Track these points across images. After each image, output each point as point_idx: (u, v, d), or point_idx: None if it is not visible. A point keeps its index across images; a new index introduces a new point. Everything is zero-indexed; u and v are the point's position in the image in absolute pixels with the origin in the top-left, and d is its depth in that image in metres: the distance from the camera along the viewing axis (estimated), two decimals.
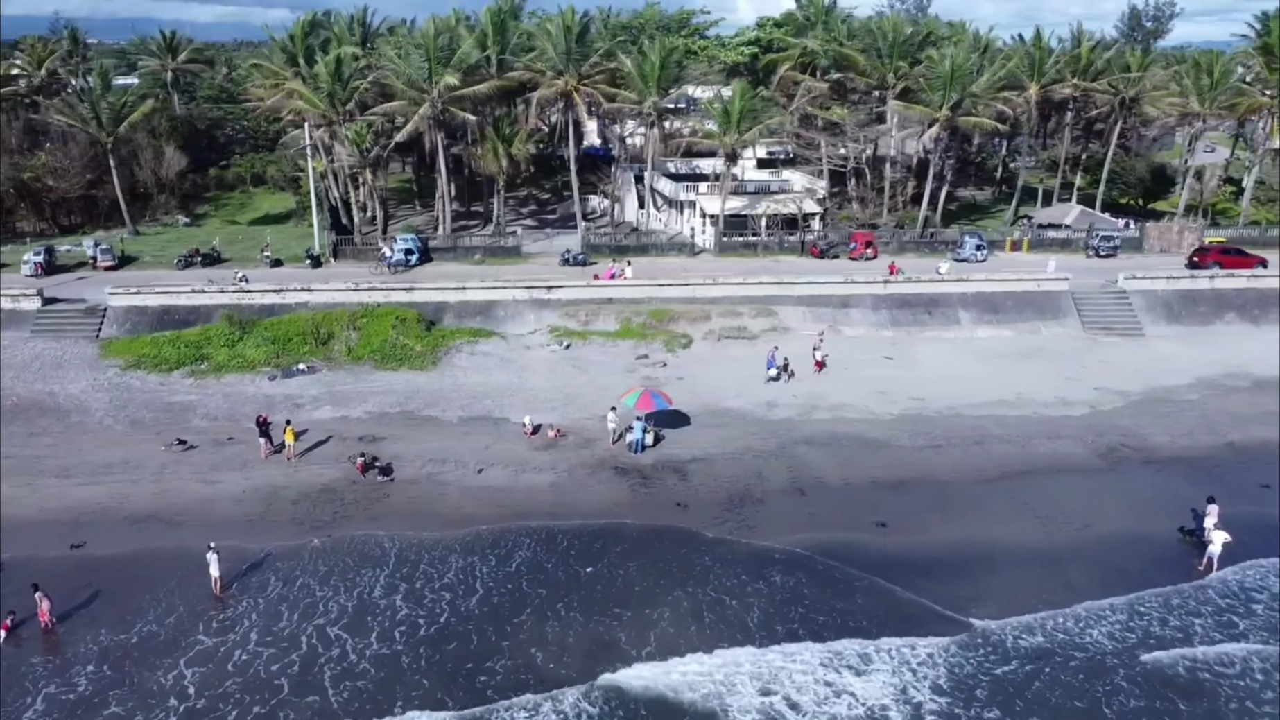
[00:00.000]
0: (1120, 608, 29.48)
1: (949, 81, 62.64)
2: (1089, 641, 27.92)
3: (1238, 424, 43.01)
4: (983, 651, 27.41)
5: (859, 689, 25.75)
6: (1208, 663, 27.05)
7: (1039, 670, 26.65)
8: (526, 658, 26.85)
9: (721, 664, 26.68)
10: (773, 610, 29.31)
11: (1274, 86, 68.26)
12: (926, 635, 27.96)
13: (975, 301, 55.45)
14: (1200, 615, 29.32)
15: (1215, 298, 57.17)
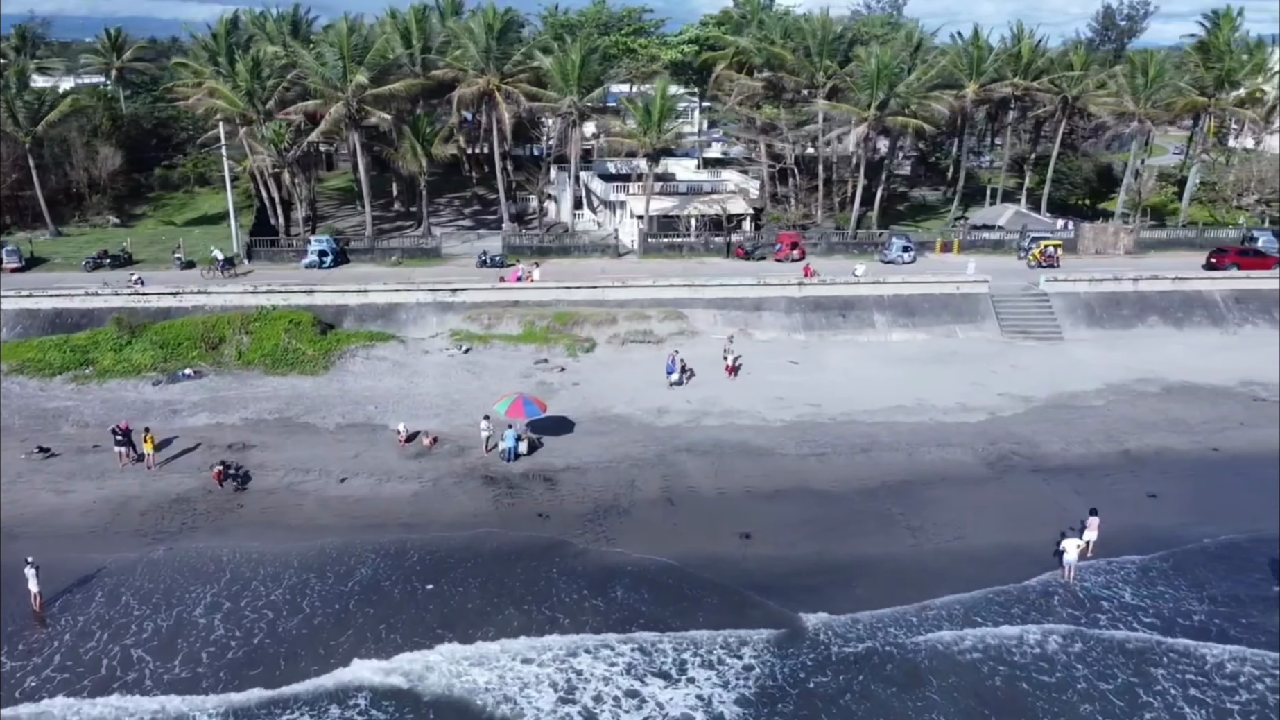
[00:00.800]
0: (960, 610, 28.95)
1: (875, 81, 61.48)
2: (914, 644, 27.38)
3: (1138, 431, 41.93)
4: (806, 656, 26.87)
5: (665, 696, 25.16)
6: (1017, 654, 26.97)
7: (854, 678, 25.95)
8: (329, 682, 25.67)
9: (528, 671, 25.98)
10: (604, 620, 28.32)
11: (1210, 86, 67.15)
12: (751, 642, 27.33)
13: (891, 304, 54.34)
14: (1033, 615, 28.81)
15: (1139, 300, 56.10)
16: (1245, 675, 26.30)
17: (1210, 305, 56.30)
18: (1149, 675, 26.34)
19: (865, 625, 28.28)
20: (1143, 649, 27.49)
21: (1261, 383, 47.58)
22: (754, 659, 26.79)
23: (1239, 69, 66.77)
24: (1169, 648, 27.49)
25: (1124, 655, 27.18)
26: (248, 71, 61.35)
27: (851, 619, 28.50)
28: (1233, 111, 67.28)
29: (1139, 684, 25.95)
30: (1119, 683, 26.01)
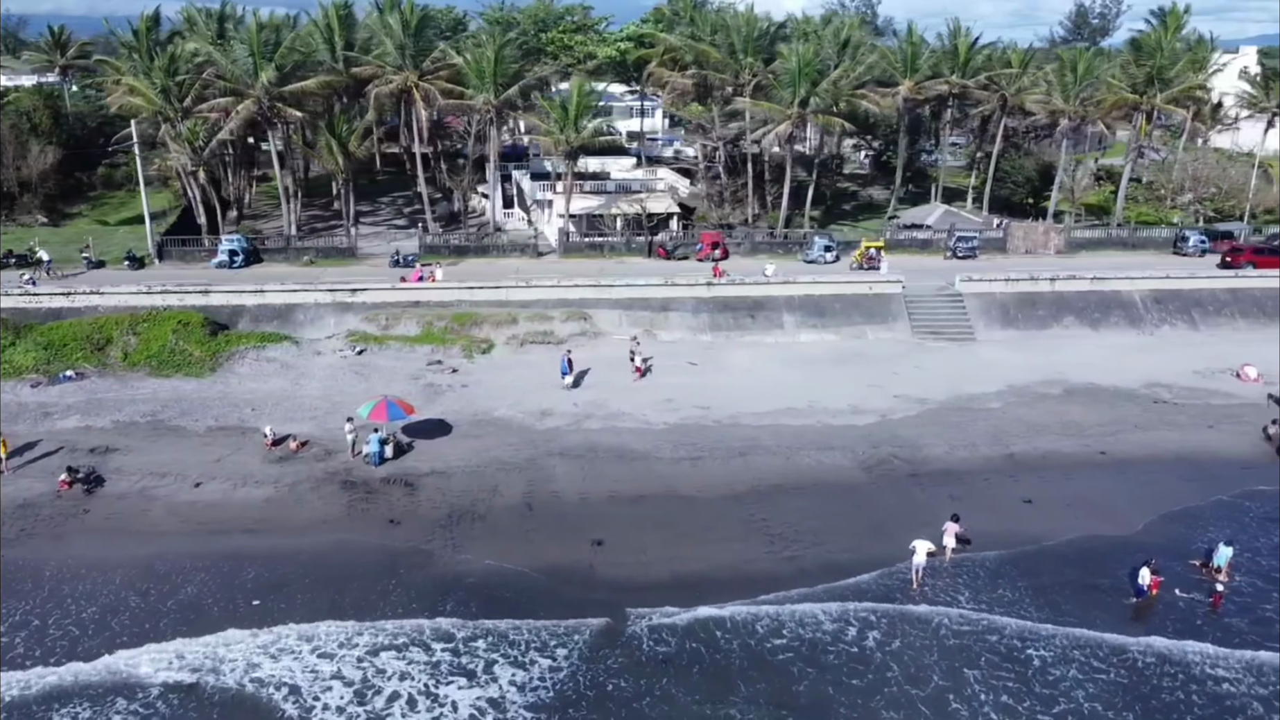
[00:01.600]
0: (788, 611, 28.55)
1: (797, 78, 60.57)
2: (730, 645, 26.99)
3: (1029, 434, 41.07)
4: (617, 658, 26.52)
5: (461, 695, 24.95)
6: (832, 653, 26.57)
7: (658, 680, 25.58)
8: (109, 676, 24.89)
9: (327, 667, 25.74)
10: (423, 624, 27.75)
11: (1141, 84, 66.25)
12: (568, 644, 26.95)
13: (802, 305, 53.42)
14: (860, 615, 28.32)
15: (1056, 300, 55.19)
16: (1049, 661, 25.54)
17: (1129, 306, 55.41)
18: (962, 677, 25.88)
19: (684, 627, 27.69)
20: (962, 646, 27.22)
21: (1166, 384, 46.76)
22: (565, 660, 26.38)
23: (1169, 66, 65.83)
24: (991, 646, 27.19)
25: (941, 653, 26.87)
26: (162, 69, 60.46)
27: (673, 622, 27.89)
28: (1164, 109, 66.30)
29: (950, 687, 25.30)
30: (931, 686, 25.41)
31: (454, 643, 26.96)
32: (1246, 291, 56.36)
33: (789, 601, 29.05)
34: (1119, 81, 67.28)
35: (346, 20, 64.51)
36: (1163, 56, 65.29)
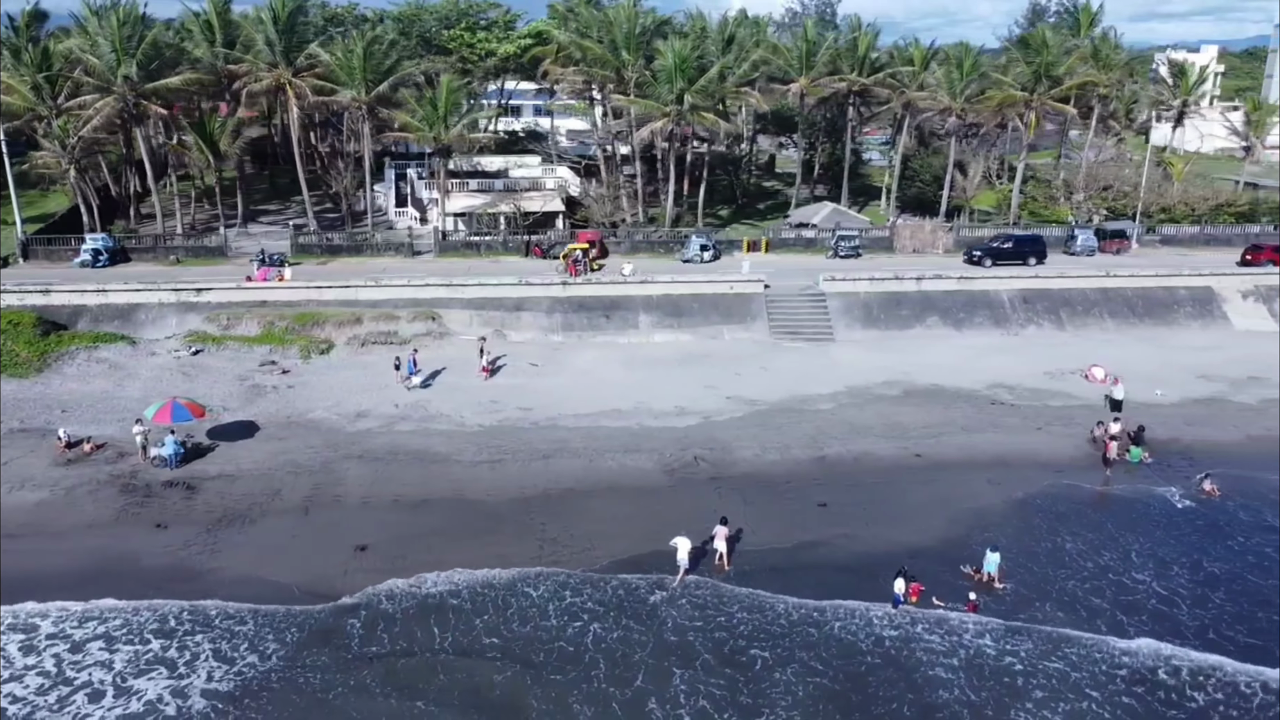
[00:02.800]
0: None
1: (673, 75, 59.79)
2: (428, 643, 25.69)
3: (849, 436, 40.31)
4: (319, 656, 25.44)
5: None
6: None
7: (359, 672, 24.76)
8: None
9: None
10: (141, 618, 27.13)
11: (1028, 81, 65.54)
12: (276, 642, 26.42)
13: (660, 305, 52.69)
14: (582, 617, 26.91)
15: (922, 300, 54.49)
16: (770, 663, 24.76)
17: (996, 306, 54.73)
18: (670, 676, 25.40)
19: (402, 619, 27.48)
20: (683, 644, 26.77)
21: (1011, 385, 46.08)
22: (272, 655, 25.78)
23: (1056, 64, 65.08)
24: (715, 646, 26.64)
25: (658, 651, 26.41)
26: (33, 65, 59.66)
27: (392, 611, 27.66)
28: (1053, 107, 65.53)
29: (653, 689, 24.49)
30: (633, 686, 24.53)
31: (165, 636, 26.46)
32: (1118, 291, 55.66)
33: (526, 595, 28.46)
34: (1008, 79, 66.48)
35: (226, 17, 63.57)
36: (1049, 54, 64.48)
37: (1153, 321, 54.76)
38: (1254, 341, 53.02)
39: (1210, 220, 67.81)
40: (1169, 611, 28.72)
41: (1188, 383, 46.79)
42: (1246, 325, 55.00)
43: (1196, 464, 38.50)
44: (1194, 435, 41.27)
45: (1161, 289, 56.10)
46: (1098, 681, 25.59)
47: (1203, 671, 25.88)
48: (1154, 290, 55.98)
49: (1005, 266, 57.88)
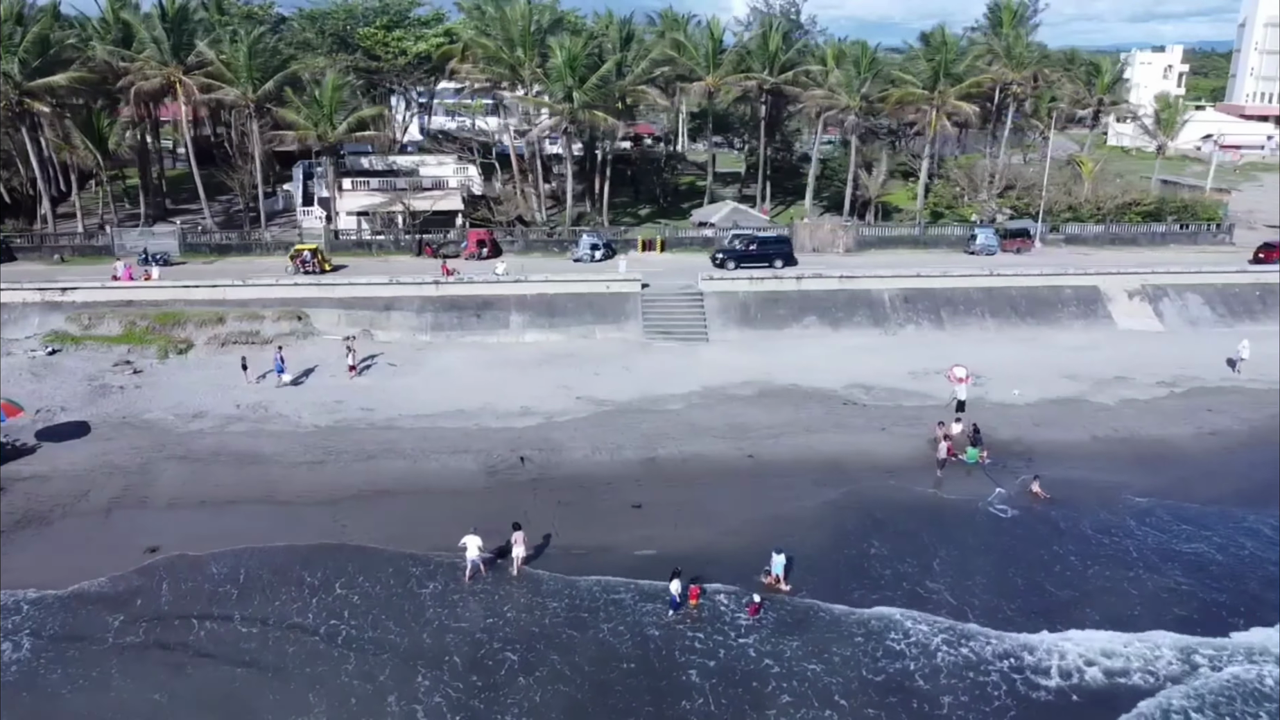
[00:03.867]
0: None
1: (563, 73, 59.41)
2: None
3: (687, 437, 39.94)
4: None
5: None
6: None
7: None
8: None
9: None
10: None
11: (927, 78, 65.16)
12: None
13: (533, 304, 52.27)
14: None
15: (801, 299, 54.08)
16: (517, 667, 24.38)
17: (876, 305, 54.33)
18: (413, 674, 24.58)
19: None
20: (437, 645, 26.43)
21: (871, 385, 45.69)
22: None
23: (957, 62, 64.71)
24: (463, 645, 26.11)
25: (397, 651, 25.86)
26: None
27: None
28: (954, 106, 65.10)
29: (393, 686, 24.13)
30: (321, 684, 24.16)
31: None
32: (1002, 291, 55.27)
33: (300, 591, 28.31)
34: (910, 77, 66.08)
35: (119, 14, 63.09)
36: (948, 52, 64.12)
37: (1035, 321, 54.35)
38: (1134, 341, 52.70)
39: (1116, 219, 67.42)
40: (958, 606, 28.45)
41: (1051, 382, 46.40)
42: (1130, 325, 54.63)
43: (1034, 465, 38.20)
44: (1039, 436, 40.93)
45: (1047, 288, 55.71)
46: (849, 690, 25.25)
47: (955, 671, 25.65)
48: (1039, 290, 55.59)
49: (750, 269, 56.31)
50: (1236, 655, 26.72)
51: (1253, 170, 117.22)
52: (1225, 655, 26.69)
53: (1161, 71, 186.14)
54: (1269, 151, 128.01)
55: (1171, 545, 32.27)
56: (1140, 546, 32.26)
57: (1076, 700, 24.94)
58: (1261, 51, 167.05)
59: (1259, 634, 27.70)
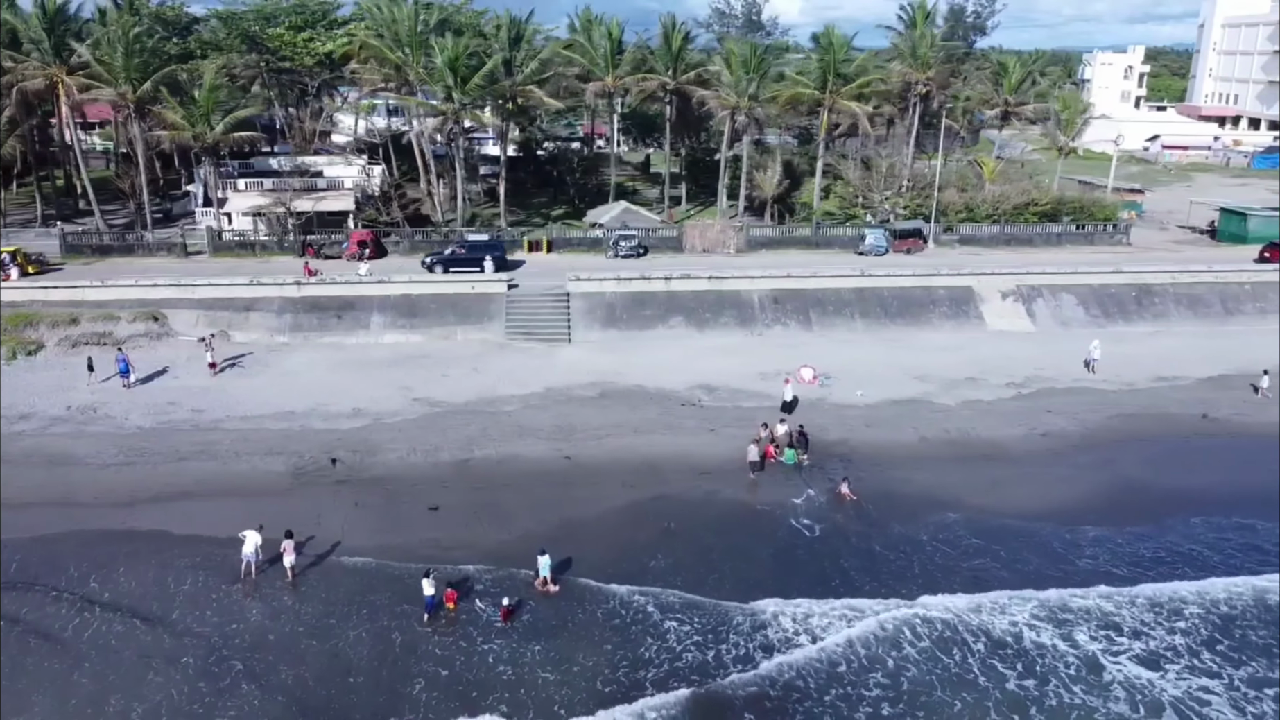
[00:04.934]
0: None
1: (444, 73, 59.26)
2: None
3: (509, 439, 39.89)
4: None
5: None
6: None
7: None
8: None
9: None
10: None
11: (817, 78, 65.14)
12: None
13: (396, 305, 52.17)
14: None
15: (668, 300, 54.00)
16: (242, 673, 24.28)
17: (745, 306, 54.24)
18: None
19: None
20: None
21: (716, 386, 45.59)
22: None
23: (847, 63, 64.62)
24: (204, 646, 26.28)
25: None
26: None
27: None
28: (843, 107, 64.97)
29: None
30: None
31: None
32: (874, 291, 55.20)
33: None
34: (803, 77, 66.00)
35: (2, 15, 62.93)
36: (836, 53, 64.02)
37: (905, 322, 54.26)
38: (1000, 341, 52.62)
39: (1011, 220, 67.30)
40: (723, 610, 28.42)
41: (901, 383, 46.30)
42: (1000, 325, 54.56)
43: (853, 466, 38.30)
44: (866, 437, 40.85)
45: (920, 289, 55.61)
46: (573, 701, 25.22)
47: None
48: (912, 290, 55.49)
49: (459, 274, 55.65)
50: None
51: (1194, 171, 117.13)
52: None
53: (1122, 72, 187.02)
54: (1213, 152, 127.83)
55: (954, 562, 31.88)
56: (925, 562, 31.92)
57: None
58: (1219, 52, 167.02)
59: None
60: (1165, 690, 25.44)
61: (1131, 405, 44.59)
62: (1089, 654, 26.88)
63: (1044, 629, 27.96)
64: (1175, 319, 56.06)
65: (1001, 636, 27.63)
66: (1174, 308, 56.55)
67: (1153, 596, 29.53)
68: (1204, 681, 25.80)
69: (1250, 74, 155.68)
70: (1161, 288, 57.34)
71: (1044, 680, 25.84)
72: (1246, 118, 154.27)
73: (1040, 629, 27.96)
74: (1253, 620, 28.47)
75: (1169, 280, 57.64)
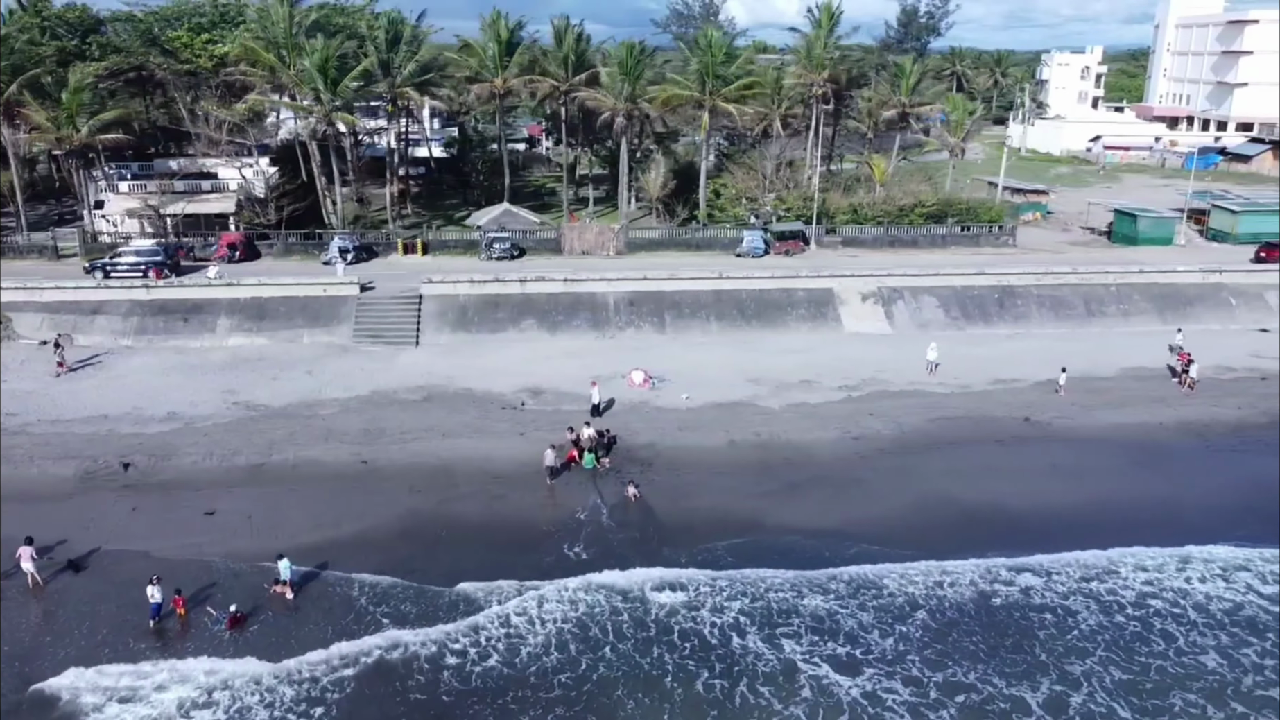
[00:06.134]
0: None
1: (313, 76, 59.22)
2: None
3: (313, 442, 39.89)
4: None
5: None
6: None
7: None
8: None
9: None
10: None
11: (695, 79, 65.10)
12: None
13: (245, 308, 52.15)
14: None
15: (522, 303, 54.02)
16: None
17: (600, 308, 54.24)
18: None
19: None
20: None
21: (545, 390, 45.54)
22: None
23: (726, 64, 64.60)
24: None
25: None
26: None
27: None
28: (722, 108, 64.96)
29: None
30: None
31: None
32: (732, 293, 55.19)
33: None
34: (684, 79, 65.98)
35: None
36: (714, 54, 63.94)
37: (760, 324, 54.24)
38: (853, 344, 52.60)
39: (897, 221, 67.26)
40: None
41: (734, 386, 46.28)
42: (857, 328, 54.53)
43: (651, 470, 38.44)
44: (676, 441, 40.85)
45: (779, 291, 55.61)
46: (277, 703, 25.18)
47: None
48: (771, 293, 55.48)
49: (125, 278, 53.86)
50: None
51: (1127, 172, 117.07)
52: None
53: (1079, 72, 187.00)
54: (1152, 153, 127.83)
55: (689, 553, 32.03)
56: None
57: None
58: (1173, 53, 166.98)
59: None
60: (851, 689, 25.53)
61: (958, 408, 44.58)
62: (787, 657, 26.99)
63: (750, 629, 28.13)
64: (1036, 321, 56.08)
65: (670, 615, 28.16)
66: (1036, 310, 56.57)
67: (824, 607, 29.61)
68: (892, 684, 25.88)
69: (1201, 75, 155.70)
70: (1025, 289, 57.35)
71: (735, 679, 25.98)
72: (1198, 118, 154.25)
73: (744, 627, 28.16)
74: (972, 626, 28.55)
75: (1033, 282, 57.65)
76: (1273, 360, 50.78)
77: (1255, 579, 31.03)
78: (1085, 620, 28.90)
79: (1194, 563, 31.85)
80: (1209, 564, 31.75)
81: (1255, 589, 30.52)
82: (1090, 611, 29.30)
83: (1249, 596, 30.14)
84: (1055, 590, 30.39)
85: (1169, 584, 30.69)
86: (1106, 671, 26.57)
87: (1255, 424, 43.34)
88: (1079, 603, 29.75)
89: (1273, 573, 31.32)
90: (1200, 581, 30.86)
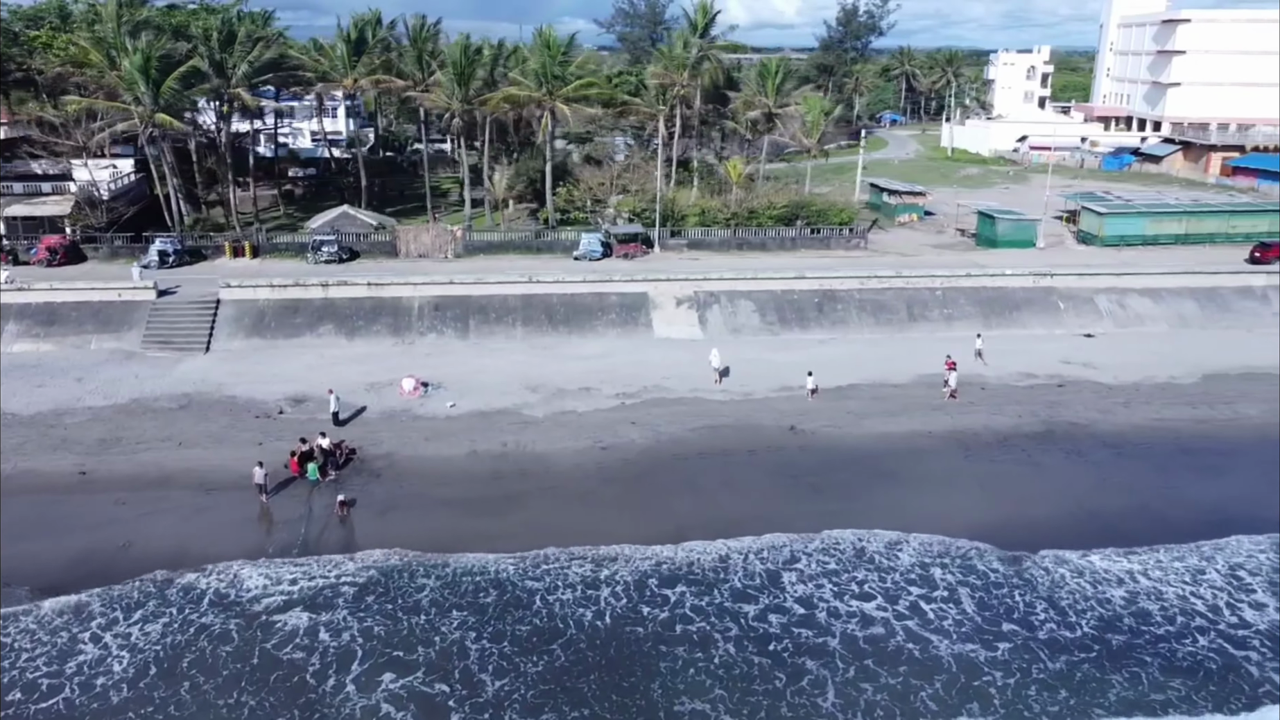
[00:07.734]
0: None
1: (134, 77, 58.36)
2: None
3: (44, 451, 39.33)
4: None
5: None
6: None
7: None
8: None
9: None
10: None
11: (534, 80, 64.26)
12: None
13: (36, 313, 51.55)
14: None
15: (324, 308, 53.32)
16: None
17: (403, 313, 53.58)
18: None
19: None
20: None
21: (311, 396, 44.74)
22: None
23: (565, 65, 63.78)
24: None
25: None
26: None
27: None
28: (560, 110, 64.08)
29: None
30: None
31: None
32: (541, 298, 54.42)
33: None
34: (525, 80, 65.11)
35: None
36: (552, 53, 63.07)
37: (569, 329, 53.44)
38: (657, 349, 51.79)
39: (745, 223, 66.35)
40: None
41: (508, 393, 45.51)
42: (668, 333, 53.72)
43: (380, 481, 37.86)
44: (418, 450, 40.25)
45: (592, 295, 54.82)
46: None
47: None
48: (583, 297, 54.68)
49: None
50: None
51: (1040, 173, 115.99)
52: None
53: (1025, 72, 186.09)
54: (1073, 154, 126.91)
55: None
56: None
57: None
58: (1115, 53, 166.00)
59: None
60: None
61: (729, 416, 43.77)
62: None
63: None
64: (855, 326, 55.26)
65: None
66: (856, 314, 55.74)
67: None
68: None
69: (1139, 74, 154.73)
70: (847, 294, 56.53)
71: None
72: (1135, 118, 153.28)
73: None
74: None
75: (856, 286, 56.79)
76: (1079, 366, 50.04)
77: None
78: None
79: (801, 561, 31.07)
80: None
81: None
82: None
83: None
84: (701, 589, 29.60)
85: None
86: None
87: (1024, 434, 42.54)
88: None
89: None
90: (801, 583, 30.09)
